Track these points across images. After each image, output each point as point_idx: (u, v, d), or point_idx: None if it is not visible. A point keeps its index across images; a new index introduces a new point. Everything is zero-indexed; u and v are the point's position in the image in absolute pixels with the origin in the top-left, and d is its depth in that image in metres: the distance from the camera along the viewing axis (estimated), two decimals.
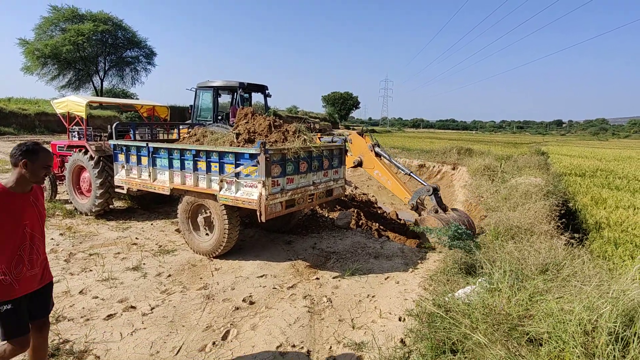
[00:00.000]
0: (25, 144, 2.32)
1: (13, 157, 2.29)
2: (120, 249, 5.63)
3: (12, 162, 2.32)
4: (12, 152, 2.30)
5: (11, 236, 2.28)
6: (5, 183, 2.30)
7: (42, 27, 33.23)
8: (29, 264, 2.39)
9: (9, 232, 2.27)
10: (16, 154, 2.28)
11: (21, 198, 2.33)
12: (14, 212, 2.28)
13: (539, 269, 3.83)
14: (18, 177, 2.30)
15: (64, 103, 7.48)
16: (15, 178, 2.30)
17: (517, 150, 20.82)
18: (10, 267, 2.29)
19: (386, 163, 7.28)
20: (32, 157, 2.29)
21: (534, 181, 8.75)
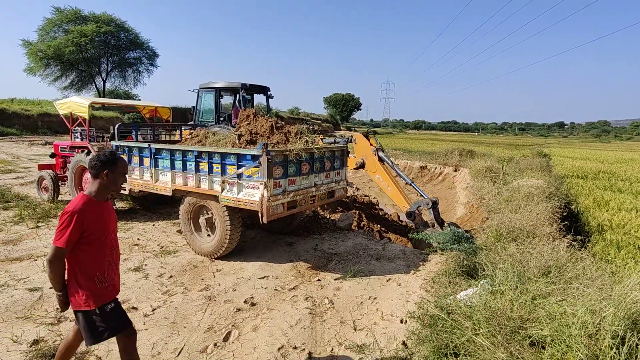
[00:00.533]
0: (104, 154, 2.37)
1: (94, 169, 2.35)
2: (122, 249, 5.62)
3: (92, 173, 2.36)
4: (92, 164, 2.35)
5: (104, 243, 2.40)
6: (89, 193, 2.36)
7: (45, 29, 33.40)
8: (115, 268, 2.55)
9: (102, 239, 2.38)
10: (97, 165, 2.33)
11: (104, 206, 2.44)
12: (103, 220, 2.38)
13: (541, 271, 3.82)
14: (99, 187, 2.38)
15: (67, 104, 7.51)
16: (97, 188, 2.37)
17: (519, 152, 20.79)
18: (104, 273, 2.41)
19: (388, 169, 7.26)
20: (112, 167, 2.36)
21: (536, 183, 8.73)
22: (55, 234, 2.22)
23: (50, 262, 2.24)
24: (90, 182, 2.41)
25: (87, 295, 2.32)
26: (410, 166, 16.82)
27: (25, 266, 4.86)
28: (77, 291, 2.32)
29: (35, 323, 3.56)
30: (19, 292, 4.15)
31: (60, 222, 2.22)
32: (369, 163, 7.39)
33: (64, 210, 2.24)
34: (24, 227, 6.38)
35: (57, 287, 2.33)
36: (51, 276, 2.29)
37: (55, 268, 2.27)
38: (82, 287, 2.32)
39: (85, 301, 2.32)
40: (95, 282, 2.36)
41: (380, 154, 7.27)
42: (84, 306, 2.32)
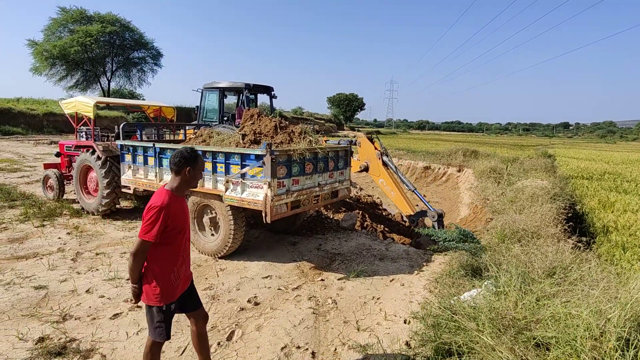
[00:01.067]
0: (186, 151, 2.42)
1: (176, 165, 2.39)
2: (127, 248, 5.66)
3: (174, 169, 2.41)
4: (174, 160, 2.39)
5: (181, 239, 2.47)
6: (170, 189, 2.40)
7: (51, 29, 33.62)
8: (187, 264, 2.60)
9: (181, 235, 2.45)
10: (180, 162, 2.38)
11: (183, 202, 2.50)
12: (183, 216, 2.46)
13: (546, 272, 3.81)
14: (181, 182, 2.42)
15: (72, 103, 7.56)
16: (178, 184, 2.42)
17: (523, 153, 20.69)
18: (177, 269, 2.47)
19: (392, 173, 7.23)
20: (193, 164, 2.40)
21: (541, 184, 8.69)
22: (142, 227, 2.28)
23: (135, 254, 2.31)
24: (171, 178, 2.45)
25: (160, 290, 2.38)
26: (413, 166, 16.78)
27: (30, 264, 4.89)
28: (152, 285, 2.39)
29: (41, 321, 3.58)
30: (24, 290, 4.19)
31: (148, 216, 2.27)
32: (373, 167, 7.37)
33: (150, 205, 2.29)
34: (30, 226, 6.43)
35: (135, 279, 2.39)
36: (132, 268, 2.35)
37: (138, 261, 2.34)
38: (157, 281, 2.38)
39: (156, 297, 2.39)
40: (171, 277, 2.42)
41: (385, 158, 7.24)
42: (154, 301, 2.39)
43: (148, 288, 2.39)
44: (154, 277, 2.38)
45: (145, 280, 2.41)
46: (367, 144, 7.54)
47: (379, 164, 7.22)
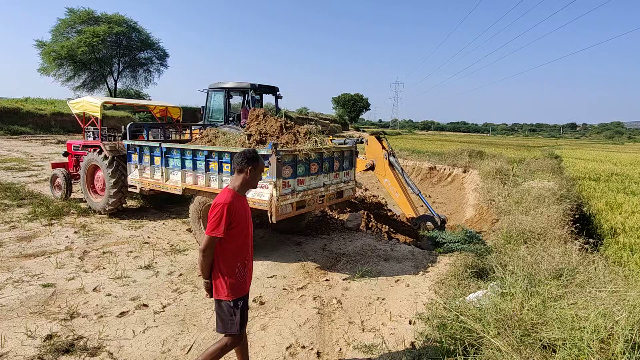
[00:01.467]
0: (249, 152, 2.54)
1: (239, 165, 2.50)
2: (133, 247, 5.71)
3: (237, 168, 2.52)
4: (238, 161, 2.51)
5: (245, 235, 2.56)
6: (233, 188, 2.51)
7: (59, 29, 33.92)
8: (251, 260, 2.70)
9: (244, 232, 2.54)
10: (243, 162, 2.49)
11: (245, 201, 2.62)
12: (244, 214, 2.54)
13: (553, 274, 3.78)
14: (243, 182, 2.53)
15: (80, 103, 7.63)
16: (240, 183, 2.52)
17: (529, 154, 20.56)
18: (244, 264, 2.57)
19: (398, 175, 7.20)
20: (255, 164, 2.52)
21: (547, 185, 8.63)
22: (209, 224, 2.39)
23: (203, 251, 2.42)
24: (233, 177, 2.57)
25: (228, 286, 2.48)
26: (419, 167, 16.73)
27: (39, 262, 4.95)
28: (220, 281, 2.49)
29: (49, 318, 3.62)
30: (32, 287, 4.24)
31: (213, 214, 2.37)
32: (379, 166, 7.35)
33: (214, 203, 2.39)
34: (38, 224, 6.50)
35: (206, 274, 2.51)
36: (202, 264, 2.47)
37: (207, 257, 2.45)
38: (224, 276, 2.49)
39: (225, 292, 2.49)
40: (236, 272, 2.52)
41: (391, 159, 7.22)
42: (223, 296, 2.49)
43: (217, 284, 2.50)
44: (221, 273, 2.49)
45: (214, 276, 2.51)
46: (375, 142, 7.53)
47: (386, 163, 7.21)
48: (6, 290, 4.13)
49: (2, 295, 4.03)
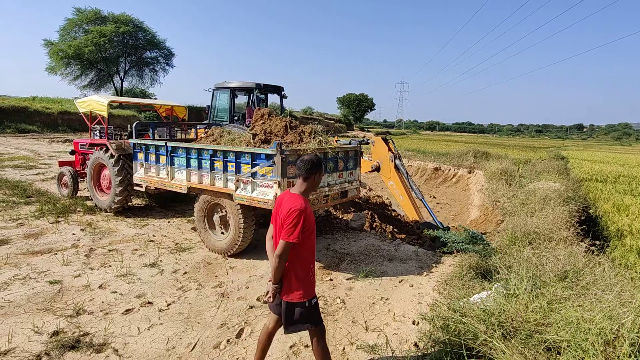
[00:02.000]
0: (316, 158, 2.61)
1: (307, 172, 2.57)
2: (138, 245, 5.75)
3: (304, 175, 2.58)
4: (306, 167, 2.56)
5: (313, 238, 2.63)
6: (301, 193, 2.58)
7: (66, 29, 34.21)
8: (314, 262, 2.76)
9: (313, 235, 2.60)
10: (311, 169, 2.57)
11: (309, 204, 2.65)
12: (312, 217, 2.60)
13: (558, 275, 3.76)
14: (309, 187, 2.61)
15: (87, 102, 7.69)
16: (306, 188, 2.60)
17: (535, 155, 20.42)
18: (312, 266, 2.66)
19: (403, 178, 7.16)
20: (319, 170, 2.61)
21: (553, 186, 8.56)
22: (286, 230, 2.43)
23: (280, 256, 2.45)
24: (298, 182, 2.63)
25: (303, 288, 2.55)
26: (424, 167, 16.68)
27: (45, 260, 5.00)
28: (295, 284, 2.54)
29: (55, 315, 3.66)
30: (39, 284, 4.28)
31: (291, 219, 2.42)
32: (385, 168, 7.33)
33: (290, 209, 2.43)
34: (45, 222, 6.57)
35: (277, 279, 2.53)
36: (277, 269, 2.48)
37: (283, 262, 2.48)
38: (299, 280, 2.55)
39: (300, 295, 2.54)
40: (309, 274, 2.60)
41: (397, 162, 7.20)
42: (298, 299, 2.54)
43: (291, 287, 2.54)
44: (295, 276, 2.54)
45: (287, 280, 2.55)
46: (381, 144, 7.51)
47: (391, 166, 7.19)
48: (13, 287, 4.19)
49: (10, 291, 4.08)
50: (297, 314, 2.57)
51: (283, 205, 2.54)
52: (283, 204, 2.56)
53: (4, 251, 5.18)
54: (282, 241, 2.44)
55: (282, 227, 2.47)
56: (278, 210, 2.60)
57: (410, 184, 7.14)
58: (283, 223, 2.46)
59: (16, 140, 21.16)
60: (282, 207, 2.55)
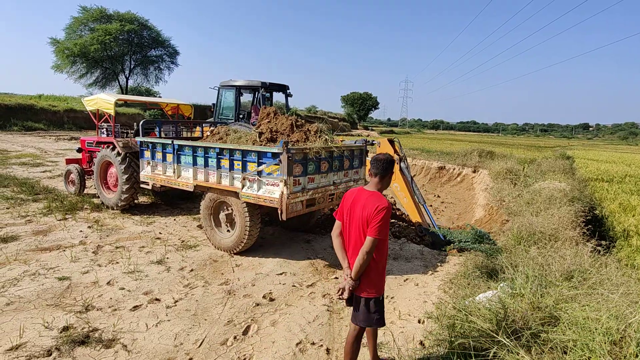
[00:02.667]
0: (391, 158, 2.70)
1: (384, 170, 2.65)
2: (145, 242, 5.80)
3: (380, 174, 2.66)
4: (383, 166, 2.65)
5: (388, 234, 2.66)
6: (379, 190, 2.67)
7: (72, 27, 34.39)
8: None
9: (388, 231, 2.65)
10: (388, 168, 2.67)
11: None
12: None
13: (564, 275, 3.76)
14: (383, 185, 2.70)
15: (94, 100, 7.75)
16: (382, 186, 2.69)
17: (540, 154, 20.31)
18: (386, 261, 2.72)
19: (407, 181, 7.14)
20: (393, 169, 2.71)
21: (559, 186, 8.53)
22: (375, 228, 2.46)
23: (369, 252, 2.49)
24: (374, 181, 2.69)
25: (381, 283, 2.66)
26: (428, 166, 16.64)
27: (54, 256, 5.06)
28: (377, 279, 2.62)
29: (65, 310, 3.71)
30: (49, 280, 4.34)
31: (379, 217, 2.46)
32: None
33: (378, 207, 2.47)
34: (53, 219, 6.64)
35: (359, 275, 2.56)
36: (363, 265, 2.52)
37: (370, 258, 2.52)
38: (380, 275, 2.64)
39: (378, 289, 2.64)
40: (385, 270, 2.71)
41: (402, 164, 7.16)
42: (374, 293, 2.62)
43: (371, 282, 2.60)
44: (378, 272, 2.62)
45: (367, 275, 2.59)
46: (387, 145, 7.48)
47: (397, 168, 7.14)
48: (23, 283, 4.24)
49: (20, 287, 4.14)
50: (372, 308, 2.64)
51: (364, 203, 2.56)
52: (362, 201, 2.58)
53: (14, 247, 5.25)
54: (370, 238, 2.47)
55: (368, 224, 2.50)
56: (352, 207, 2.64)
57: (413, 188, 7.12)
58: (369, 220, 2.48)
59: (22, 137, 21.33)
60: (360, 205, 2.58)
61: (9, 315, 3.58)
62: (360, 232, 2.57)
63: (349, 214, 2.66)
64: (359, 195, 2.65)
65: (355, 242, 2.61)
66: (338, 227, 2.76)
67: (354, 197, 2.67)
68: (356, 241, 2.60)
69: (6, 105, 26.23)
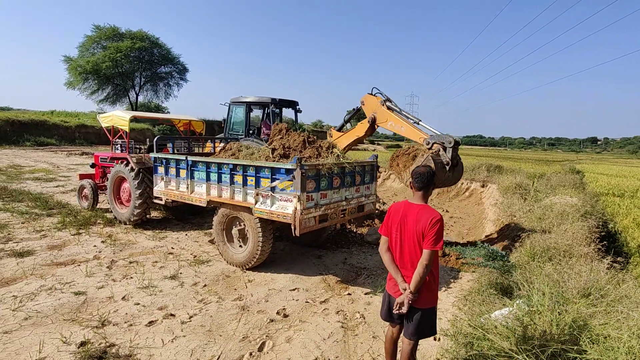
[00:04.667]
0: (431, 170, 2.71)
1: (429, 183, 2.68)
2: (158, 257, 5.85)
3: (424, 187, 2.68)
4: (427, 179, 2.67)
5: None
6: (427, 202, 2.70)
7: (85, 45, 35.41)
8: None
9: None
10: (430, 180, 2.68)
11: None
12: None
13: (581, 292, 3.73)
14: (427, 197, 2.72)
15: (109, 117, 7.93)
16: (427, 197, 2.72)
17: (549, 168, 20.18)
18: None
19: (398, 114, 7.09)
20: (434, 180, 2.74)
21: (570, 201, 8.48)
22: (432, 239, 2.50)
23: (428, 265, 2.52)
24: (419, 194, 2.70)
25: (436, 293, 2.70)
26: None
27: (69, 270, 5.12)
28: (432, 290, 2.65)
29: (82, 325, 3.74)
30: (65, 295, 4.39)
31: (436, 229, 2.50)
32: (380, 115, 7.17)
33: (432, 219, 2.52)
34: (67, 234, 6.73)
35: (418, 288, 2.57)
36: (423, 278, 2.55)
37: (428, 270, 2.55)
38: (435, 284, 2.67)
39: (434, 299, 2.69)
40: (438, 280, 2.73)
41: (388, 103, 7.11)
42: (430, 304, 2.66)
43: (429, 292, 2.63)
44: (433, 281, 2.65)
45: (431, 286, 2.64)
46: (370, 97, 7.45)
47: (384, 109, 7.08)
48: (41, 297, 4.30)
49: (37, 302, 4.19)
50: (430, 320, 2.67)
51: (417, 216, 2.59)
52: (413, 215, 2.61)
53: (30, 262, 5.32)
54: (428, 250, 2.50)
55: (423, 237, 2.53)
56: (403, 221, 2.66)
57: (405, 115, 7.04)
58: (425, 233, 2.52)
59: (35, 153, 21.73)
60: (412, 219, 2.61)
61: (27, 329, 3.62)
62: (415, 245, 2.60)
63: (400, 229, 2.68)
64: (407, 209, 2.68)
65: (409, 256, 2.65)
66: (385, 243, 2.79)
67: (403, 211, 2.69)
68: (410, 254, 2.64)
69: (20, 121, 26.85)
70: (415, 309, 2.63)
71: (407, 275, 2.67)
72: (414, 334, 2.68)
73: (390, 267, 2.73)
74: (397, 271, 2.70)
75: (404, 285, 2.63)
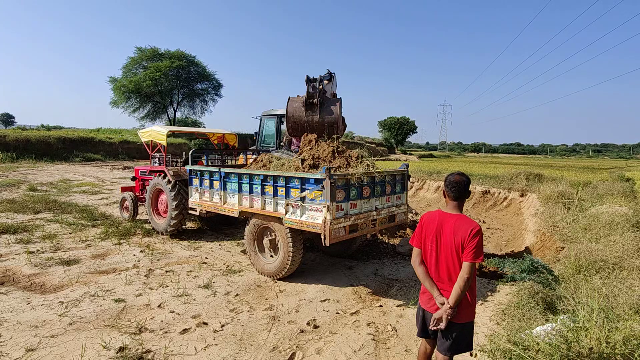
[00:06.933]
0: (466, 178, 2.59)
1: (465, 193, 2.57)
2: (192, 267, 6.01)
3: (461, 196, 2.58)
4: (464, 189, 2.56)
5: None
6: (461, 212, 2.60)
7: (129, 66, 37.71)
8: None
9: None
10: (466, 188, 2.56)
11: None
12: None
13: (633, 308, 3.45)
14: (462, 206, 2.63)
15: (148, 132, 8.34)
16: (462, 207, 2.63)
17: (595, 176, 18.99)
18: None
19: None
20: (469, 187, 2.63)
21: (619, 210, 7.91)
22: (473, 252, 2.40)
23: (469, 279, 2.42)
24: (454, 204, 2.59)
25: (474, 306, 2.59)
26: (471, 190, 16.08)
27: (111, 279, 5.37)
28: (472, 303, 2.55)
29: (121, 331, 3.89)
30: (106, 302, 4.59)
31: (476, 240, 2.40)
32: None
33: (473, 230, 2.41)
34: (109, 243, 7.08)
35: (458, 302, 2.46)
36: (464, 292, 2.44)
37: (470, 284, 2.45)
38: (473, 298, 2.56)
39: (473, 312, 2.59)
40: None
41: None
42: (469, 318, 2.57)
43: (468, 306, 2.53)
44: (473, 295, 2.55)
45: (465, 300, 2.51)
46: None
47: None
48: (84, 304, 4.52)
49: (81, 308, 4.41)
50: (466, 335, 2.58)
51: (454, 228, 2.47)
52: (450, 226, 2.50)
53: (76, 270, 5.63)
54: (468, 263, 2.40)
55: (463, 249, 2.42)
56: (439, 232, 2.54)
57: None
58: (464, 245, 2.41)
59: (83, 168, 23.18)
60: (449, 230, 2.49)
61: (71, 334, 3.81)
62: (453, 257, 2.48)
63: (436, 240, 2.56)
64: (443, 219, 2.56)
65: (447, 268, 2.52)
66: (418, 255, 2.66)
67: (438, 222, 2.57)
68: (448, 267, 2.51)
69: (70, 139, 28.86)
70: (452, 323, 2.49)
71: (443, 288, 2.53)
72: (450, 349, 2.55)
73: (425, 280, 2.59)
74: (433, 284, 2.56)
75: (441, 299, 2.49)
